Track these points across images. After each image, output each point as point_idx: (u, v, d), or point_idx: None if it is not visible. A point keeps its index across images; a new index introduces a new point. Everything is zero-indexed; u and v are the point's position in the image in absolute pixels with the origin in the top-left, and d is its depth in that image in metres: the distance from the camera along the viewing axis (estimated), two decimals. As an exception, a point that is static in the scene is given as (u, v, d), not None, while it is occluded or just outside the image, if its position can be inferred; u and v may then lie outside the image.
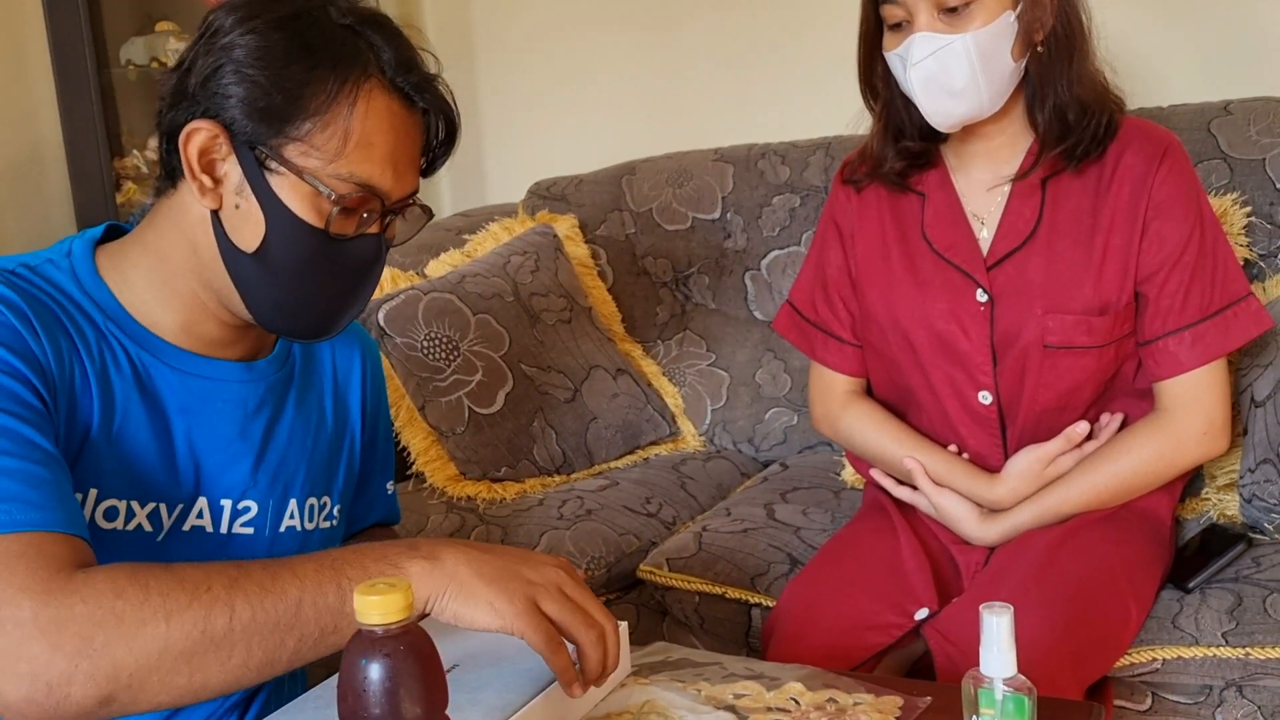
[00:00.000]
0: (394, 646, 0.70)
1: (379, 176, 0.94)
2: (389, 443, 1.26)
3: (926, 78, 1.29)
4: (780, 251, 2.09)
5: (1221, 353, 1.34)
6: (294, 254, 0.95)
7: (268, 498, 1.06)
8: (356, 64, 0.93)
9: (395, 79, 0.95)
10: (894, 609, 1.30)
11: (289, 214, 0.94)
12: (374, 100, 0.93)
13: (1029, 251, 1.37)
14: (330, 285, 0.98)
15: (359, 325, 1.24)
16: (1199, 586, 1.35)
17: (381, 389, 1.23)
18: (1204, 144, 1.76)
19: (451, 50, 2.74)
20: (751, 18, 2.37)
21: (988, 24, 1.27)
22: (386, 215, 0.98)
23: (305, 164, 0.93)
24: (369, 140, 0.93)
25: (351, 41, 0.94)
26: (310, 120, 0.92)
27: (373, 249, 0.99)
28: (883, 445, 1.46)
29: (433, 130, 1.00)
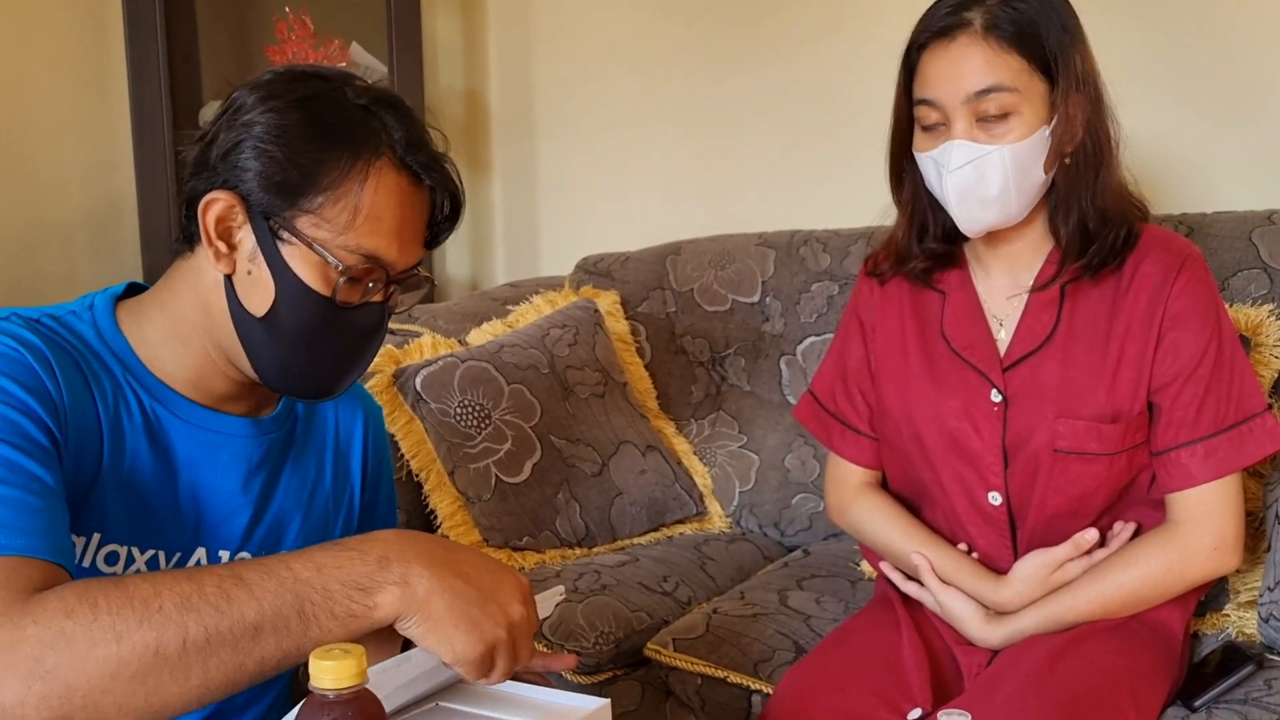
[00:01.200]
0: (343, 712, 0.73)
1: (385, 249, 0.99)
2: (392, 505, 1.30)
3: (963, 186, 1.30)
4: (817, 338, 2.11)
5: (1235, 468, 1.32)
6: (300, 319, 1.00)
7: (260, 550, 1.10)
8: (369, 143, 0.99)
9: (405, 157, 1.00)
10: (888, 706, 1.29)
11: (298, 282, 0.99)
12: (384, 177, 0.99)
13: (1045, 355, 1.37)
14: (334, 349, 1.03)
15: (363, 389, 1.28)
16: (1205, 706, 1.32)
17: (383, 452, 1.27)
18: (1245, 252, 1.74)
19: (513, 125, 2.83)
20: (802, 108, 2.42)
21: (1024, 138, 1.28)
22: (390, 285, 1.03)
23: (316, 235, 0.98)
24: (378, 214, 0.99)
25: (365, 121, 1.00)
26: (323, 195, 0.98)
27: (376, 317, 1.03)
28: (891, 539, 1.46)
29: (438, 206, 1.05)
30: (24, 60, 2.34)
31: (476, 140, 2.87)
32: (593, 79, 2.68)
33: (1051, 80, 1.30)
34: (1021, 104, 1.28)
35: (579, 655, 1.59)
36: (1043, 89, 1.30)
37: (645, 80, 2.61)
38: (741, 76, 2.49)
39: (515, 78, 2.81)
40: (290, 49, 2.48)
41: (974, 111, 1.29)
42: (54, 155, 2.40)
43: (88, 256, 2.47)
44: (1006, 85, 1.28)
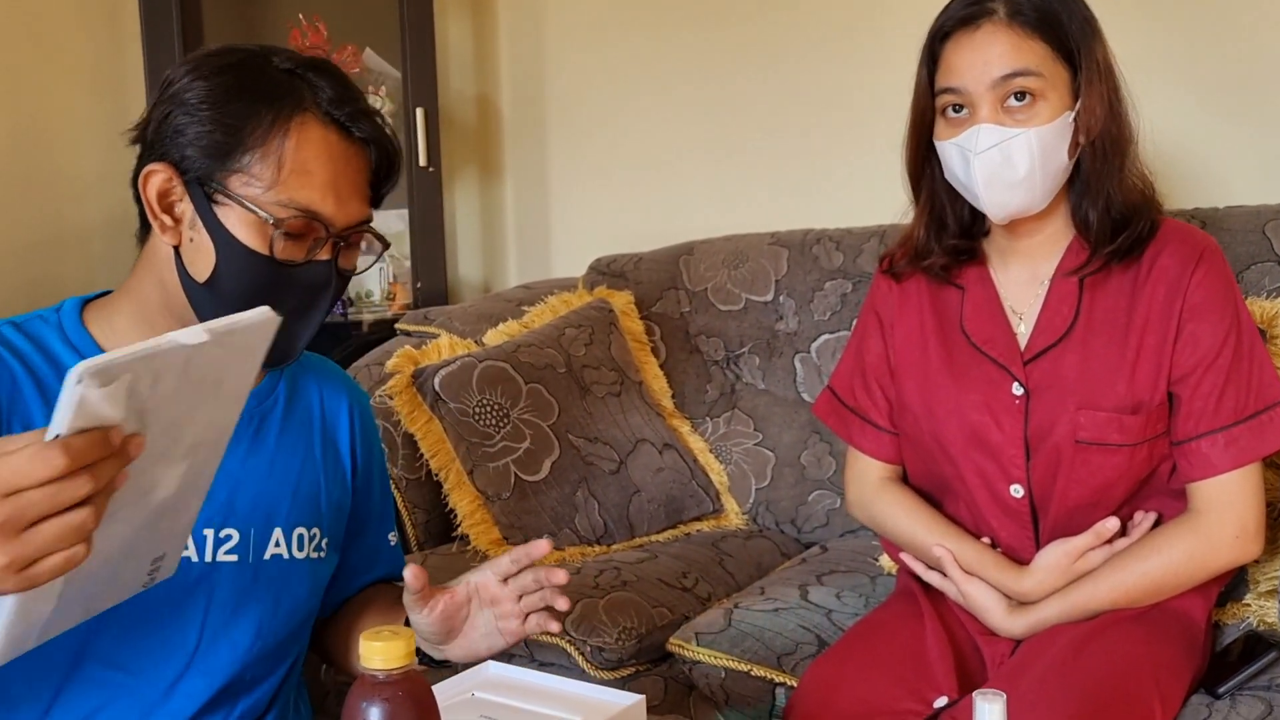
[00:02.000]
0: (393, 692, 0.74)
1: (319, 202, 1.02)
2: (387, 495, 1.32)
3: (990, 168, 1.32)
4: (830, 336, 2.12)
5: (1256, 457, 1.33)
6: (243, 280, 1.02)
7: (249, 526, 1.11)
8: (291, 99, 1.02)
9: (331, 111, 1.03)
10: (913, 695, 1.30)
11: (235, 242, 1.01)
12: (308, 130, 1.02)
13: (1065, 348, 1.38)
14: (282, 309, 1.02)
15: (349, 377, 1.30)
16: (1229, 693, 1.33)
17: (373, 440, 1.29)
18: (1258, 246, 1.76)
19: (525, 129, 2.85)
20: (812, 108, 2.43)
21: (1050, 121, 1.30)
22: (336, 242, 1.05)
23: (247, 193, 1.01)
24: (305, 168, 1.01)
25: (288, 81, 1.03)
26: (249, 153, 1.01)
27: (322, 275, 1.05)
28: (914, 532, 1.47)
29: (376, 162, 1.07)
30: (43, 70, 2.35)
31: (488, 144, 2.89)
32: (603, 81, 2.70)
33: (1073, 68, 1.32)
34: (1046, 89, 1.30)
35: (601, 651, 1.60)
36: (1065, 76, 1.32)
37: (656, 82, 2.62)
38: (751, 77, 2.50)
39: (526, 82, 2.82)
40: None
41: (1000, 96, 1.31)
42: (72, 163, 2.42)
43: (105, 262, 2.49)
44: (1032, 69, 1.30)
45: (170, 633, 1.08)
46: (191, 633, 1.09)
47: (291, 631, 1.17)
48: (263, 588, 1.13)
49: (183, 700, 1.09)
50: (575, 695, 1.08)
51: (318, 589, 1.20)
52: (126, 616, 1.03)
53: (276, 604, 1.14)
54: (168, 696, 1.08)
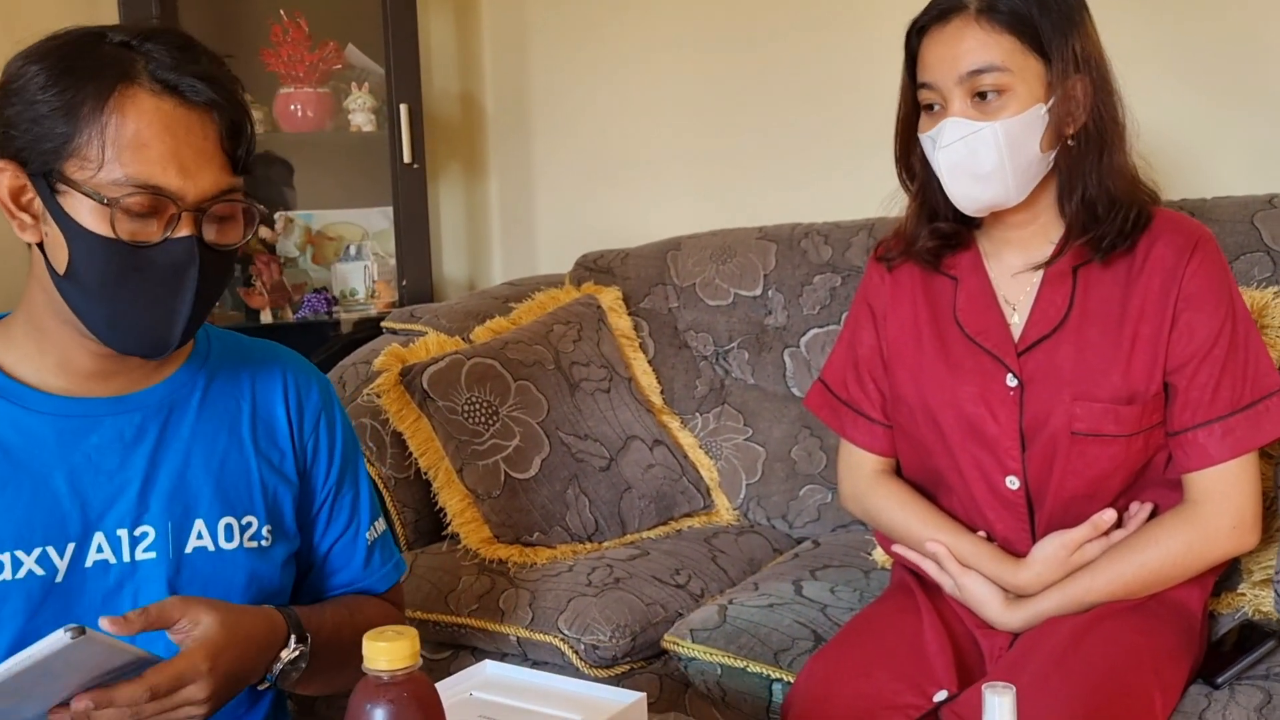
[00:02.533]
0: (398, 693, 0.73)
1: (161, 176, 0.97)
2: (357, 486, 1.26)
3: (954, 161, 1.32)
4: (820, 330, 2.11)
5: (1252, 447, 1.33)
6: (98, 267, 0.98)
7: (165, 520, 1.09)
8: (114, 73, 0.97)
9: (164, 78, 0.98)
10: (913, 689, 1.30)
11: (82, 230, 0.97)
12: (137, 102, 0.97)
13: (1059, 338, 1.38)
14: (145, 293, 1.00)
15: (297, 362, 1.24)
16: (1228, 682, 1.33)
17: (330, 424, 1.23)
18: (1247, 236, 1.76)
19: (509, 126, 2.83)
20: (799, 102, 2.43)
21: (1018, 114, 1.30)
22: (195, 216, 1.00)
23: (82, 177, 0.97)
24: (140, 141, 0.96)
25: (118, 55, 0.98)
26: (80, 135, 0.96)
27: (182, 252, 1.00)
28: (909, 525, 1.47)
29: (222, 126, 1.01)
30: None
31: (473, 141, 2.87)
32: (587, 77, 2.68)
33: (1047, 60, 1.32)
34: (1015, 83, 1.30)
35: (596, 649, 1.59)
36: (1038, 68, 1.32)
37: (640, 77, 2.61)
38: (737, 72, 2.49)
39: (510, 78, 2.81)
40: (285, 52, 2.48)
41: (968, 91, 1.31)
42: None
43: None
44: (998, 64, 1.30)
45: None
46: (120, 637, 1.05)
47: None
48: (189, 583, 1.10)
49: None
50: (575, 694, 1.07)
51: (262, 579, 1.15)
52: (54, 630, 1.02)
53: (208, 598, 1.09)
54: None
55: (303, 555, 1.24)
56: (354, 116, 2.53)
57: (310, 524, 1.24)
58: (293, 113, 2.51)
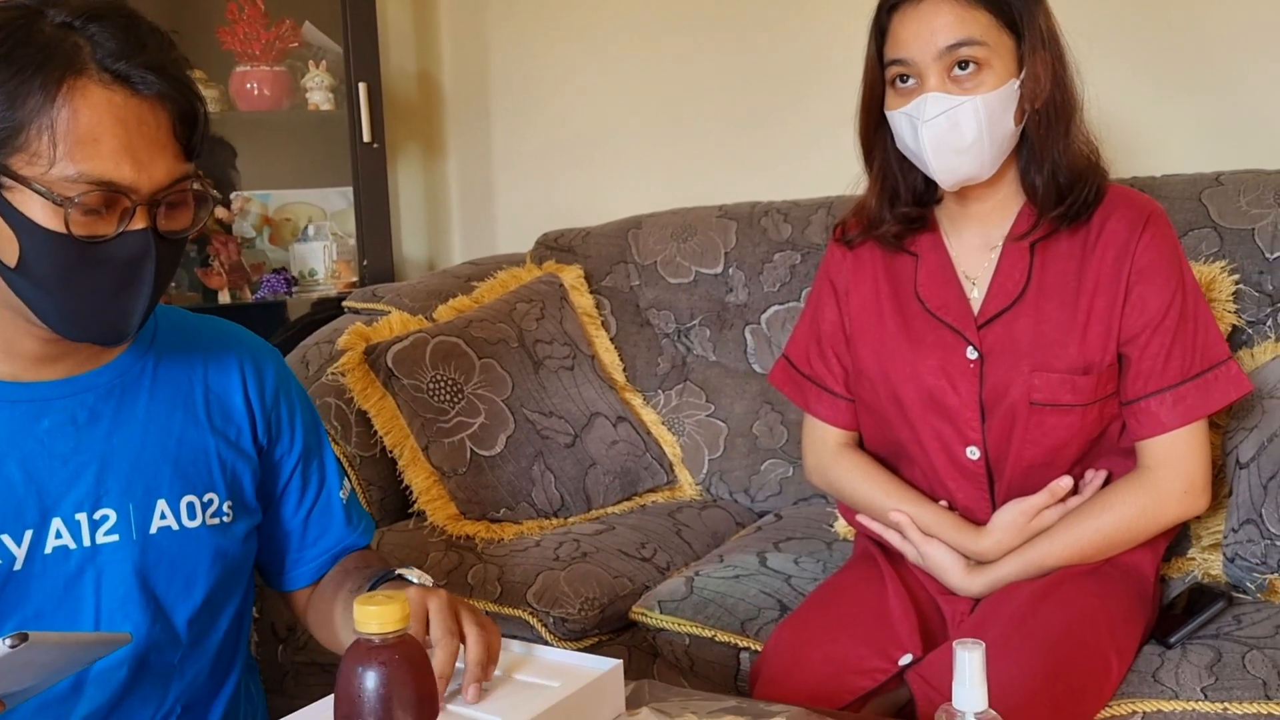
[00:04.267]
0: (389, 656, 0.74)
1: (114, 172, 0.94)
2: (323, 451, 1.27)
3: (938, 135, 1.34)
4: (780, 307, 2.14)
5: (1202, 414, 1.37)
6: (52, 263, 0.96)
7: (126, 502, 1.08)
8: (61, 62, 0.93)
9: (112, 67, 0.94)
10: (879, 654, 1.33)
11: (33, 226, 0.94)
12: (87, 96, 0.93)
13: (1018, 311, 1.41)
14: (101, 286, 0.98)
15: (247, 338, 1.23)
16: (1180, 642, 1.37)
17: (288, 395, 1.23)
18: (1195, 213, 1.81)
19: (467, 105, 2.82)
20: (758, 80, 2.45)
21: (995, 89, 1.33)
22: (150, 208, 0.97)
23: (31, 173, 0.93)
24: (92, 136, 0.93)
25: (61, 41, 0.94)
26: (25, 130, 0.92)
27: (139, 245, 0.97)
28: (872, 496, 1.50)
29: (174, 116, 0.97)
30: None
31: (431, 121, 2.86)
32: (546, 56, 2.68)
33: (1017, 36, 1.35)
34: (991, 57, 1.33)
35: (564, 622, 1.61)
36: (1010, 44, 1.35)
37: (599, 56, 2.62)
38: (695, 52, 2.51)
39: (468, 58, 2.80)
40: (241, 29, 2.45)
41: (946, 66, 1.34)
42: None
43: None
44: (976, 39, 1.32)
45: (62, 627, 1.04)
46: (85, 622, 1.05)
47: (203, 605, 1.13)
48: (155, 564, 1.09)
49: (95, 689, 1.07)
50: (552, 662, 1.09)
51: (226, 555, 1.15)
52: (17, 619, 1.02)
53: (174, 578, 1.10)
54: (77, 690, 1.06)
55: (279, 528, 1.25)
56: (312, 95, 2.51)
57: (281, 496, 1.24)
58: (249, 91, 2.48)
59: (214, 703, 1.18)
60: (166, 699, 1.12)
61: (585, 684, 1.03)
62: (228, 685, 1.20)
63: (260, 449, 1.20)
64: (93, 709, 1.07)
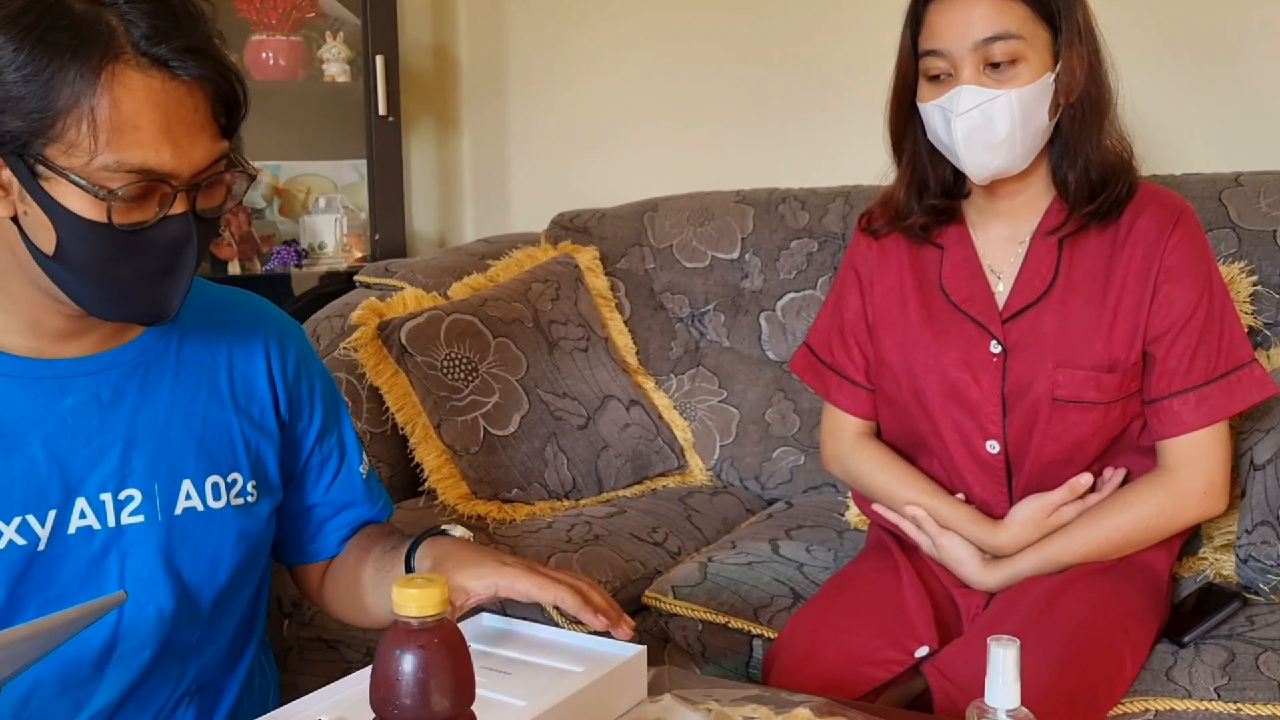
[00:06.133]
0: (428, 639, 0.73)
1: (155, 159, 0.91)
2: (343, 426, 1.26)
3: (971, 129, 1.34)
4: (796, 294, 2.14)
5: (1224, 415, 1.37)
6: (92, 252, 0.93)
7: (150, 482, 1.06)
8: (98, 47, 0.89)
9: (150, 51, 0.90)
10: (895, 645, 1.33)
11: (71, 215, 0.92)
12: (126, 82, 0.89)
13: (1044, 307, 1.41)
14: (143, 272, 0.97)
15: (270, 310, 1.22)
16: (1193, 642, 1.37)
17: (309, 371, 1.22)
18: (1214, 213, 1.80)
19: (484, 81, 2.80)
20: (780, 66, 2.43)
21: (1030, 82, 1.33)
22: (189, 192, 0.95)
23: (70, 163, 0.90)
24: (132, 124, 0.90)
25: (92, 22, 0.89)
26: (62, 118, 0.89)
27: (181, 230, 0.95)
28: (889, 487, 1.50)
29: (213, 98, 0.95)
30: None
31: (446, 96, 2.84)
32: (564, 33, 2.67)
33: (1054, 29, 1.34)
34: (1027, 50, 1.32)
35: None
36: (1046, 37, 1.34)
37: (617, 35, 2.60)
38: (716, 34, 2.49)
39: (485, 32, 2.78)
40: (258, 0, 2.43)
41: (982, 59, 1.33)
42: None
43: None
44: (1013, 32, 1.31)
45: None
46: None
47: (227, 585, 1.13)
48: (180, 544, 1.08)
49: (118, 671, 1.06)
50: (575, 647, 1.09)
51: (250, 536, 1.14)
52: (40, 600, 1.01)
53: (199, 559, 1.09)
54: (100, 670, 1.05)
55: (300, 503, 1.24)
56: (328, 66, 2.49)
57: (302, 472, 1.23)
58: (264, 60, 2.46)
59: (229, 680, 1.18)
60: (185, 678, 1.12)
61: (609, 670, 1.03)
62: (243, 663, 1.20)
63: (282, 425, 1.19)
64: (114, 691, 1.06)
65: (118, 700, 1.07)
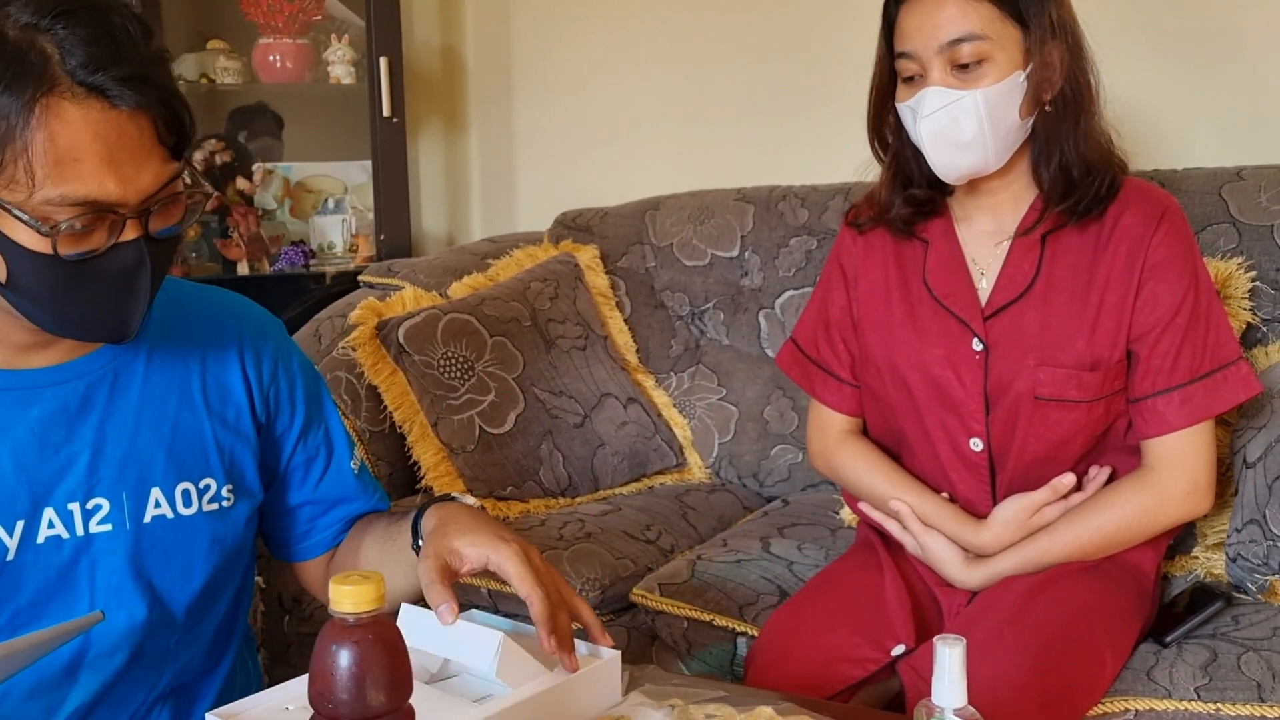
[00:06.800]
0: (362, 635, 0.75)
1: (99, 190, 0.88)
2: (330, 420, 1.24)
3: (936, 130, 1.33)
4: (795, 292, 2.13)
5: (1209, 415, 1.36)
6: (43, 281, 0.92)
7: (118, 491, 1.05)
8: (30, 80, 0.86)
9: (89, 80, 0.87)
10: (872, 643, 1.33)
11: (19, 248, 0.90)
12: (61, 115, 0.86)
13: (1026, 304, 1.40)
14: (98, 297, 0.95)
15: (247, 308, 1.19)
16: (1176, 641, 1.36)
17: (288, 368, 1.19)
18: (1214, 208, 1.78)
19: (490, 81, 2.82)
20: (780, 66, 2.43)
21: (997, 82, 1.32)
22: (140, 216, 0.92)
23: (12, 198, 0.88)
24: (72, 157, 0.87)
25: (26, 51, 0.86)
26: (2, 153, 0.86)
27: (132, 255, 0.93)
28: (874, 484, 1.50)
29: (157, 124, 0.91)
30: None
31: (453, 96, 2.86)
32: (569, 34, 2.68)
33: (1025, 26, 1.33)
34: (994, 50, 1.31)
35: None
36: (1016, 35, 1.33)
37: (622, 36, 2.61)
38: (718, 33, 2.49)
39: (492, 32, 2.80)
40: (265, 1, 2.46)
41: (948, 60, 1.32)
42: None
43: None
44: (978, 34, 1.31)
45: (58, 615, 1.03)
46: (81, 610, 1.03)
47: (202, 591, 1.11)
48: (150, 552, 1.07)
49: (90, 675, 1.06)
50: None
51: (225, 541, 1.13)
52: (10, 609, 1.01)
53: (170, 566, 1.08)
54: (71, 675, 1.05)
55: (286, 501, 1.23)
56: (333, 69, 2.52)
57: (286, 471, 1.22)
58: (271, 63, 2.50)
59: (209, 680, 1.18)
60: (159, 682, 1.12)
61: (580, 672, 1.03)
62: (224, 663, 1.20)
63: (260, 426, 1.17)
64: (86, 694, 1.07)
65: (90, 703, 1.07)
